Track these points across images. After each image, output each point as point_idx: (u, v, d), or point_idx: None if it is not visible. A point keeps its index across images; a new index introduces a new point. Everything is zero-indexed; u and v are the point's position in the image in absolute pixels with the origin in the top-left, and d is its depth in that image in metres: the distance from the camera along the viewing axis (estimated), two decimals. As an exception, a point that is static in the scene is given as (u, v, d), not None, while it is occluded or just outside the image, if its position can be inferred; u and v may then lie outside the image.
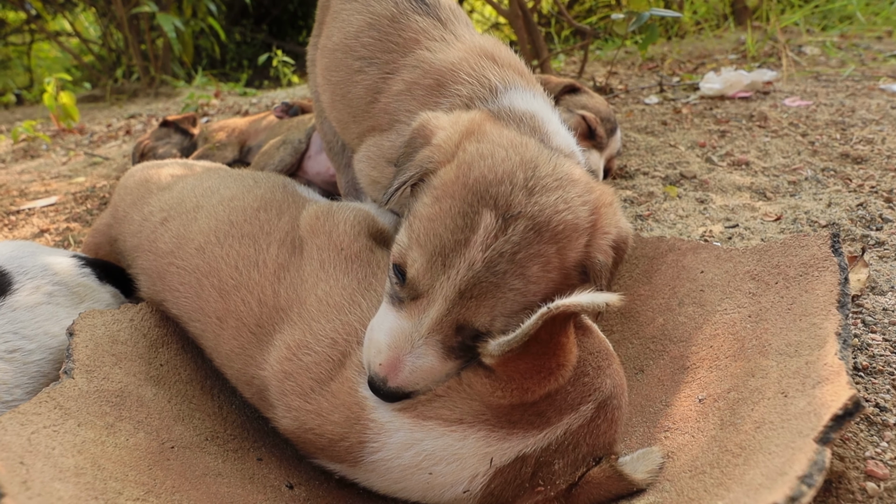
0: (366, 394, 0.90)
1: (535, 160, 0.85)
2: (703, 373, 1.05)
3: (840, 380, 0.75)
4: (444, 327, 0.82)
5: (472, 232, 0.79)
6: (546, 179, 0.83)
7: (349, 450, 0.91)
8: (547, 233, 0.79)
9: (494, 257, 0.78)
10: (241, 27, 7.77)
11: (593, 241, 0.85)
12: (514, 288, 0.79)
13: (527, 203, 0.80)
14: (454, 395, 0.87)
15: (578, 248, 0.83)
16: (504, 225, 0.78)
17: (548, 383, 0.85)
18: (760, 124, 2.36)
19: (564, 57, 4.53)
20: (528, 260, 0.79)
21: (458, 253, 0.79)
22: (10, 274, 1.09)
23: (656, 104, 2.85)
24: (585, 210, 0.84)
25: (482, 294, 0.79)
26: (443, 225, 0.81)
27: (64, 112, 3.59)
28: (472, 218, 0.79)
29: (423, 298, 0.82)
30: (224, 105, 4.18)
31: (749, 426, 0.84)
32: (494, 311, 0.80)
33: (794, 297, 0.99)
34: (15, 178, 2.98)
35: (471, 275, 0.78)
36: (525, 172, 0.82)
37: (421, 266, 0.82)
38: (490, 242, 0.78)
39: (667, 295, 1.25)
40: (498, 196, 0.80)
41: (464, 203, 0.81)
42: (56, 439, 0.84)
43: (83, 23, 7.63)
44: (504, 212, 0.79)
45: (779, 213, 1.59)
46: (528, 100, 1.04)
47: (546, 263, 0.80)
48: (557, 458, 0.86)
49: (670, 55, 3.92)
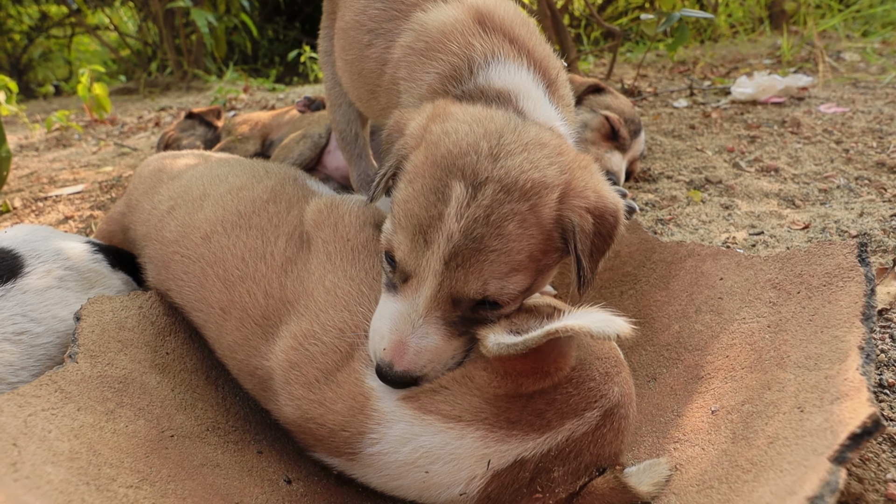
0: (372, 384, 0.90)
1: (500, 130, 0.87)
2: (718, 383, 1.01)
3: (860, 396, 0.70)
4: (440, 302, 0.83)
5: (444, 205, 0.81)
6: (511, 145, 0.85)
7: (348, 441, 0.89)
8: (516, 191, 0.81)
9: (470, 224, 0.80)
10: (274, 24, 7.87)
11: (566, 199, 0.85)
12: (495, 249, 0.80)
13: (493, 168, 0.82)
14: (455, 388, 0.86)
15: (551, 204, 0.83)
16: (474, 192, 0.80)
17: (542, 382, 0.83)
18: (793, 130, 2.28)
19: (594, 59, 4.47)
20: (502, 220, 0.80)
21: (436, 227, 0.81)
22: (22, 257, 1.10)
23: (685, 108, 2.78)
24: (554, 169, 0.85)
25: (466, 262, 0.80)
26: (417, 204, 0.83)
27: (97, 103, 3.67)
28: (443, 192, 0.82)
29: (414, 278, 0.84)
30: (252, 100, 4.23)
31: (762, 441, 0.80)
32: (483, 276, 0.81)
33: (817, 307, 0.94)
34: (46, 165, 3.05)
35: (451, 245, 0.80)
36: (489, 141, 0.84)
37: (406, 247, 0.84)
38: (463, 211, 0.80)
39: (684, 301, 1.21)
40: (465, 167, 0.82)
41: (434, 179, 0.83)
42: (53, 423, 0.84)
43: (122, 17, 7.83)
44: (472, 180, 0.81)
45: (807, 222, 1.53)
46: (509, 75, 1.02)
47: (522, 221, 0.81)
48: (558, 465, 0.84)
49: (702, 59, 3.83)
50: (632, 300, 1.31)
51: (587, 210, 0.85)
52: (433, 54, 1.06)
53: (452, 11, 1.10)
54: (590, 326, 0.71)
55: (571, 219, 0.84)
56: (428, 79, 1.05)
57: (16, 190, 2.63)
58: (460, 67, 1.03)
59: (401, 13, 1.17)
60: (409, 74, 1.10)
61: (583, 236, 0.85)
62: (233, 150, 2.30)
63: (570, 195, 0.85)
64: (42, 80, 7.81)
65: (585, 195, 0.86)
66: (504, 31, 1.06)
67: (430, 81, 1.05)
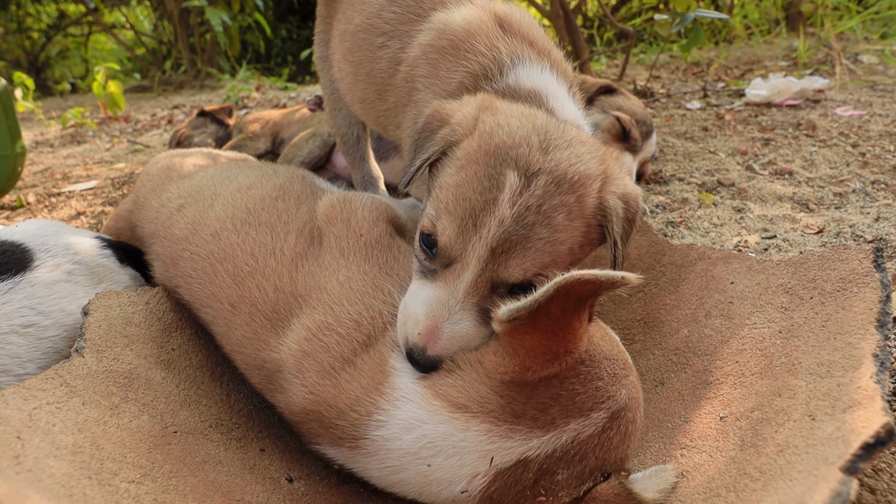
0: (396, 364, 0.91)
1: (546, 126, 0.92)
2: (727, 389, 0.99)
3: (874, 405, 0.68)
4: (479, 288, 0.85)
5: (499, 191, 0.84)
6: (557, 140, 0.90)
7: (355, 424, 0.89)
8: (565, 184, 0.86)
9: (522, 212, 0.83)
10: (288, 23, 7.92)
11: (605, 186, 0.91)
12: (542, 237, 0.84)
13: (544, 161, 0.86)
14: (466, 371, 0.86)
15: (593, 195, 0.89)
16: (527, 182, 0.84)
17: (550, 366, 0.81)
18: (808, 133, 2.25)
19: (607, 60, 4.44)
20: (552, 210, 0.84)
21: (488, 212, 0.84)
22: (32, 251, 1.11)
23: (698, 110, 2.76)
24: (595, 162, 0.91)
25: (513, 248, 0.83)
26: (471, 189, 0.86)
27: (111, 100, 3.71)
28: (497, 179, 0.85)
29: (457, 263, 0.86)
30: (264, 98, 4.25)
31: (771, 449, 0.78)
32: (526, 263, 0.84)
33: (830, 313, 0.92)
34: (60, 161, 3.09)
35: (502, 231, 0.83)
36: (538, 136, 0.89)
37: (452, 232, 0.86)
38: (516, 199, 0.84)
39: (693, 305, 1.19)
40: (518, 157, 0.86)
41: (488, 167, 0.87)
42: (58, 416, 0.84)
43: (138, 16, 7.91)
44: (525, 170, 0.85)
45: (821, 226, 1.50)
46: (536, 76, 1.08)
47: (569, 212, 0.86)
48: (562, 467, 0.82)
49: (717, 60, 3.79)
50: (640, 303, 1.29)
51: (618, 196, 0.91)
52: (460, 53, 1.10)
53: (475, 12, 1.14)
54: (597, 276, 0.72)
55: (610, 205, 0.90)
56: (457, 76, 1.10)
57: (30, 185, 2.66)
58: (490, 67, 1.08)
59: (418, 15, 1.21)
60: (430, 72, 1.14)
61: (617, 220, 0.90)
62: (243, 148, 2.31)
63: (608, 183, 0.91)
64: (59, 77, 7.91)
65: (616, 184, 0.92)
66: (523, 34, 1.12)
67: (461, 79, 1.09)
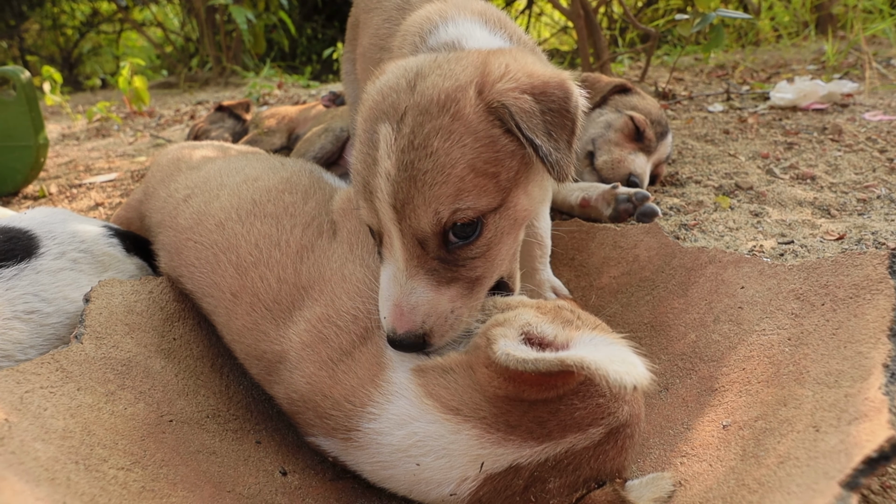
0: (391, 357, 0.91)
1: (419, 65, 0.86)
2: (732, 397, 0.96)
3: (880, 418, 0.65)
4: (412, 250, 0.83)
5: (376, 148, 0.82)
6: (426, 71, 0.84)
7: (349, 415, 0.89)
8: (433, 108, 0.80)
9: (399, 157, 0.79)
10: (313, 23, 7.98)
11: (486, 89, 0.81)
12: (427, 169, 0.78)
13: (410, 98, 0.81)
14: (459, 376, 0.85)
15: (471, 102, 0.80)
16: (398, 126, 0.80)
17: (546, 392, 0.79)
18: (833, 138, 2.18)
19: (630, 61, 4.38)
20: (425, 139, 0.79)
21: (374, 173, 0.81)
22: (38, 238, 1.12)
23: (720, 112, 2.69)
24: (468, 69, 0.83)
25: (410, 195, 0.79)
26: (358, 161, 0.86)
27: (136, 95, 3.77)
28: (372, 138, 0.83)
29: (385, 236, 0.85)
30: (285, 95, 4.29)
31: (772, 460, 0.75)
32: (431, 205, 0.79)
33: (841, 321, 0.88)
34: (84, 154, 3.15)
35: (390, 184, 0.79)
36: (407, 77, 0.84)
37: (363, 207, 0.85)
38: (392, 148, 0.80)
39: (702, 310, 1.16)
40: (388, 108, 0.83)
41: (365, 133, 0.85)
42: (50, 401, 0.84)
43: (168, 14, 8.05)
44: (395, 117, 0.81)
45: (842, 232, 1.45)
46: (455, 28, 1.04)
47: (446, 133, 0.79)
48: (554, 475, 0.80)
49: (742, 63, 3.71)
50: (648, 306, 1.26)
51: (520, 90, 0.81)
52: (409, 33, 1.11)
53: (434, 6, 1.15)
54: (608, 371, 0.66)
55: (503, 102, 0.80)
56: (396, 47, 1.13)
57: (53, 177, 2.72)
58: (422, 32, 1.06)
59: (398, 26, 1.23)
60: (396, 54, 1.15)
61: (525, 115, 0.79)
62: (258, 143, 2.32)
63: (490, 83, 0.81)
64: (89, 73, 8.09)
65: (512, 77, 0.82)
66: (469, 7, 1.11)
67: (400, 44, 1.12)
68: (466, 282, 0.86)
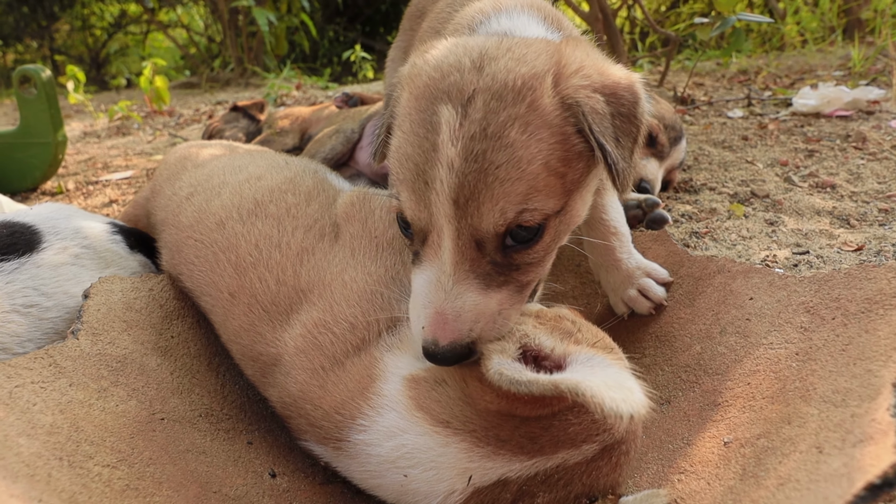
0: (387, 367, 0.88)
1: (482, 45, 0.79)
2: (735, 412, 0.92)
3: (886, 441, 0.61)
4: (465, 252, 0.73)
5: (436, 133, 0.72)
6: (493, 52, 0.76)
7: (339, 426, 0.88)
8: (508, 94, 0.72)
9: (468, 144, 0.70)
10: (336, 25, 8.04)
11: (562, 80, 0.75)
12: (502, 163, 0.70)
13: (479, 79, 0.73)
14: (451, 388, 0.82)
15: (548, 94, 0.73)
16: (464, 110, 0.72)
17: (540, 410, 0.77)
18: (857, 146, 2.11)
19: (650, 66, 4.32)
20: (501, 128, 0.71)
21: (433, 161, 0.72)
22: (41, 233, 1.13)
23: (740, 118, 2.63)
24: (542, 57, 0.76)
25: (476, 190, 0.70)
26: (409, 144, 0.76)
27: (156, 95, 3.83)
28: (431, 121, 0.74)
29: (432, 233, 0.76)
30: (303, 96, 4.31)
31: (772, 481, 0.72)
32: (499, 203, 0.71)
33: (852, 336, 0.84)
34: (104, 151, 3.20)
35: (454, 176, 0.71)
36: (471, 56, 0.77)
37: (410, 199, 0.76)
38: (457, 134, 0.71)
39: (708, 321, 1.12)
40: (449, 87, 0.74)
41: (420, 112, 0.75)
42: (40, 395, 0.84)
43: (194, 15, 8.19)
44: (460, 99, 0.73)
45: (861, 243, 1.39)
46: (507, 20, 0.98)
47: (524, 123, 0.71)
48: (544, 490, 0.78)
49: (766, 68, 3.63)
50: (653, 316, 1.23)
51: (593, 89, 0.75)
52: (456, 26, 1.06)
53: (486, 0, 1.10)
54: (603, 399, 0.62)
55: (576, 99, 0.74)
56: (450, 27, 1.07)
57: (72, 173, 2.76)
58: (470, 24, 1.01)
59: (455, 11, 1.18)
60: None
61: (597, 117, 0.73)
62: (271, 143, 2.33)
63: (566, 75, 0.75)
64: (115, 73, 8.26)
65: (585, 73, 0.76)
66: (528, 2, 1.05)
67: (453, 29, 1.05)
68: (517, 285, 0.78)
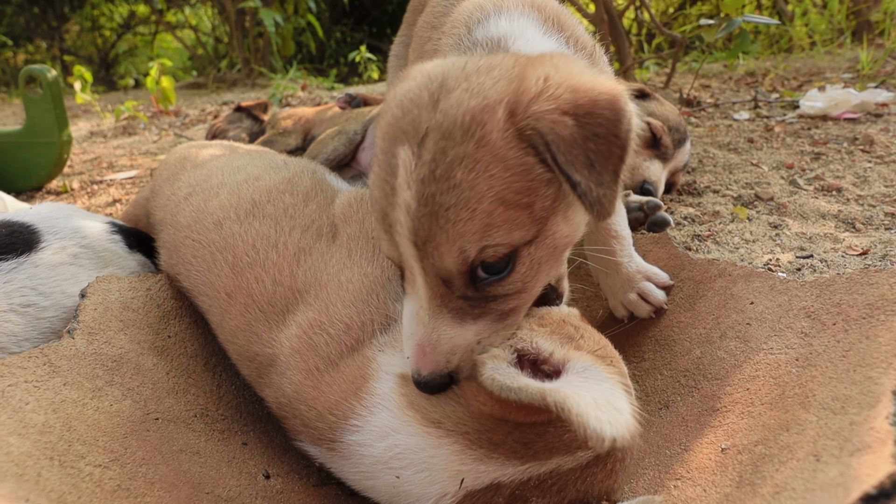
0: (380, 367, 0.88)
1: (445, 73, 0.74)
2: (733, 418, 0.91)
3: (884, 451, 0.60)
4: (434, 289, 0.74)
5: (394, 176, 0.71)
6: (451, 83, 0.72)
7: (332, 426, 0.88)
8: (457, 132, 0.69)
9: (420, 188, 0.69)
10: (343, 26, 8.06)
11: (519, 111, 0.69)
12: (451, 205, 0.68)
13: (432, 117, 0.70)
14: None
15: (498, 126, 0.69)
16: (419, 151, 0.70)
17: (535, 416, 0.76)
18: (864, 148, 2.09)
19: (657, 68, 4.30)
20: (448, 170, 0.68)
21: (393, 205, 0.72)
22: (39, 232, 1.13)
23: (746, 121, 2.61)
24: (500, 84, 0.71)
25: (432, 233, 0.70)
26: (375, 187, 0.76)
27: (163, 95, 3.85)
28: (390, 163, 0.72)
29: (406, 270, 0.77)
30: (308, 97, 4.32)
31: (768, 489, 0.70)
32: (456, 244, 0.69)
33: (853, 342, 0.83)
34: (110, 151, 3.22)
35: (411, 219, 0.70)
36: (430, 89, 0.73)
37: (381, 239, 0.77)
38: (412, 177, 0.70)
39: (709, 325, 1.11)
40: (407, 127, 0.72)
41: (383, 153, 0.74)
42: (33, 395, 0.84)
43: (202, 16, 8.23)
44: (416, 138, 0.71)
45: (866, 247, 1.37)
46: (505, 23, 0.92)
47: (472, 162, 0.68)
48: (537, 495, 0.77)
49: (773, 70, 3.60)
50: (654, 320, 1.21)
51: (561, 111, 0.69)
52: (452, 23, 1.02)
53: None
54: (588, 419, 0.61)
55: (537, 129, 0.68)
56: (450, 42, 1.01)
57: (77, 173, 2.78)
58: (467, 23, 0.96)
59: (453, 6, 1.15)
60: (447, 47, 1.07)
61: (563, 145, 0.68)
62: (274, 144, 2.33)
63: (525, 102, 0.69)
64: (123, 73, 8.32)
65: (552, 95, 0.70)
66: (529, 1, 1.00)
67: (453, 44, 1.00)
68: (498, 314, 0.78)
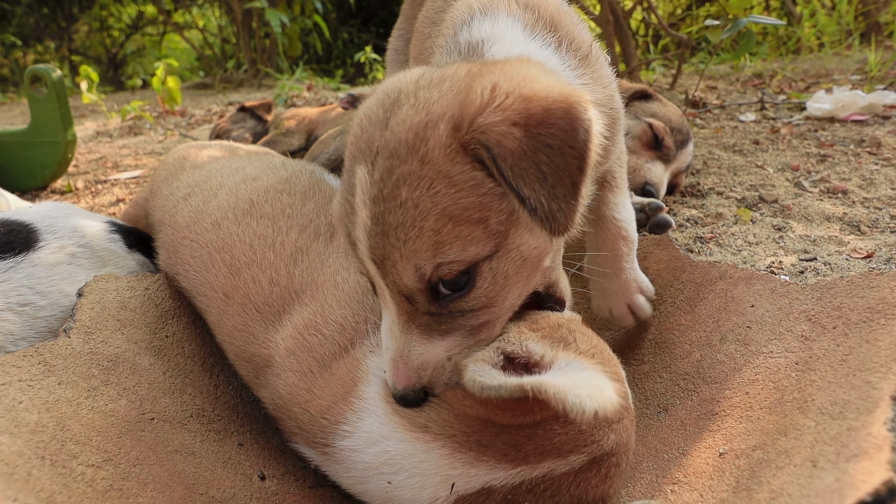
0: (369, 369, 0.88)
1: (400, 88, 0.73)
2: (732, 422, 0.90)
3: (880, 457, 0.59)
4: (400, 305, 0.74)
5: (353, 195, 0.72)
6: (403, 99, 0.71)
7: (325, 431, 0.87)
8: (402, 151, 0.68)
9: (372, 207, 0.70)
10: (349, 27, 8.07)
11: (463, 121, 0.67)
12: (399, 224, 0.68)
13: (382, 135, 0.70)
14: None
15: (441, 142, 0.67)
16: (372, 169, 0.70)
17: (522, 418, 0.75)
18: (871, 151, 2.06)
19: (663, 69, 4.28)
20: (394, 189, 0.68)
21: (353, 223, 0.73)
22: (38, 231, 1.14)
23: (752, 122, 2.59)
24: (446, 98, 0.69)
25: (386, 251, 0.70)
26: (339, 205, 0.78)
27: (169, 95, 3.86)
28: (350, 182, 0.74)
29: (376, 286, 0.78)
30: (314, 97, 4.33)
31: (764, 495, 0.69)
32: (410, 262, 0.69)
33: (852, 346, 0.81)
34: (115, 151, 3.23)
35: (367, 238, 0.71)
36: (384, 105, 0.73)
37: (351, 256, 0.78)
38: (367, 196, 0.70)
39: (709, 328, 1.10)
40: (364, 146, 0.72)
41: (346, 171, 0.77)
42: (27, 394, 0.84)
43: (209, 17, 8.27)
44: (370, 157, 0.71)
45: (871, 250, 1.36)
46: (488, 26, 0.87)
47: (416, 180, 0.67)
48: (529, 500, 0.76)
49: (781, 72, 3.57)
50: (654, 322, 1.20)
51: (511, 122, 0.66)
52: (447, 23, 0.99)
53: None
54: (566, 395, 0.61)
55: (482, 142, 0.65)
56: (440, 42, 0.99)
57: (83, 172, 2.79)
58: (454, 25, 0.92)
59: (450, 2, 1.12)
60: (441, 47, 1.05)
61: (510, 157, 0.65)
62: (277, 144, 2.33)
63: (469, 116, 0.67)
64: (131, 73, 8.37)
65: (500, 105, 0.67)
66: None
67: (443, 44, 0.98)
68: (468, 329, 0.77)
